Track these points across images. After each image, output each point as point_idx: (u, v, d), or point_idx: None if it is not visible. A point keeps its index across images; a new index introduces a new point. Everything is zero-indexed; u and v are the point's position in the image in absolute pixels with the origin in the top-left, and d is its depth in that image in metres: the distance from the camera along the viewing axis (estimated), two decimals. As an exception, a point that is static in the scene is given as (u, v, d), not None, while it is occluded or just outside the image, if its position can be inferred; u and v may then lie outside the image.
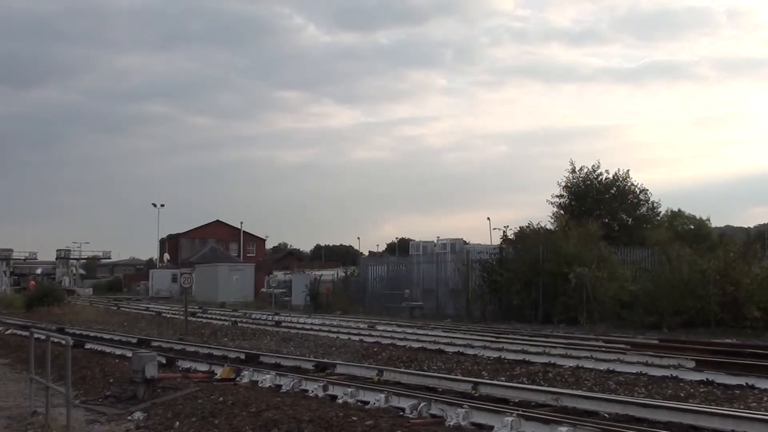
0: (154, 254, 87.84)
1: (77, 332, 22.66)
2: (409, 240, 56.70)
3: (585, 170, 43.87)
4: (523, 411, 8.68)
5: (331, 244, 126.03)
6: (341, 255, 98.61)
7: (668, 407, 8.91)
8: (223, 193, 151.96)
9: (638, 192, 44.17)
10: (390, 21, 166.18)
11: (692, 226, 57.68)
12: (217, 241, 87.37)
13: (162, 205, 77.56)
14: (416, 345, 18.18)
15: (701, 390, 11.26)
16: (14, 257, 77.16)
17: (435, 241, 41.19)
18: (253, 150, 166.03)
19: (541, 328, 24.93)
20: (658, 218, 46.28)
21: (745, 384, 11.36)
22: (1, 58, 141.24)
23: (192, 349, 17.88)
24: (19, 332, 23.53)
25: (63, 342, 8.82)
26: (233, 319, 30.55)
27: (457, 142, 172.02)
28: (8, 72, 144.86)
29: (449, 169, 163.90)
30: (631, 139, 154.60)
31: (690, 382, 11.80)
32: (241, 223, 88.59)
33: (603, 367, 13.47)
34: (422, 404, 9.48)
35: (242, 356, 15.76)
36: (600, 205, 42.93)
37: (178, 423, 9.38)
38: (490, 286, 31.41)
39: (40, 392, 10.26)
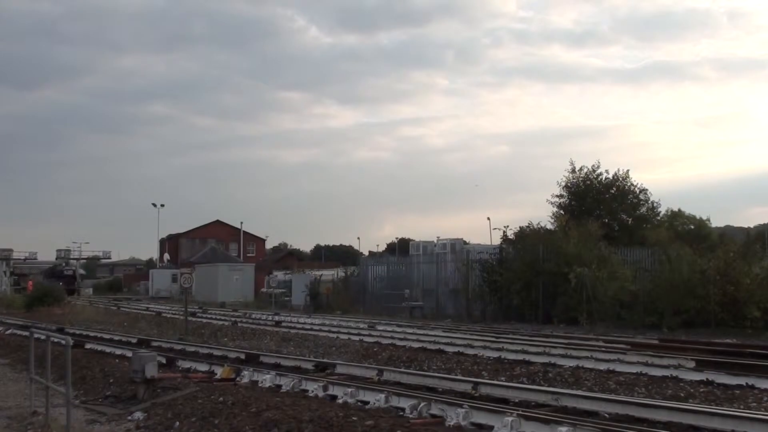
0: (154, 254, 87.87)
1: (77, 332, 22.64)
2: (409, 240, 56.68)
3: (585, 170, 43.95)
4: (523, 411, 8.68)
5: (331, 244, 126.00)
6: (341, 255, 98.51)
7: (668, 407, 8.91)
8: (223, 193, 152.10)
9: (638, 192, 44.23)
10: (392, 22, 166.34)
11: (692, 226, 57.73)
12: (217, 241, 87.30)
13: (162, 205, 77.56)
14: (416, 345, 18.18)
15: (701, 390, 11.26)
16: (14, 257, 77.10)
17: (435, 241, 41.17)
18: (254, 150, 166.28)
19: (541, 328, 24.93)
20: (658, 218, 46.29)
21: (745, 384, 11.37)
22: (3, 59, 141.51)
23: (192, 349, 17.88)
24: (19, 332, 23.51)
25: (63, 342, 8.82)
26: (233, 319, 30.55)
27: (458, 142, 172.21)
28: (10, 73, 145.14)
29: (450, 169, 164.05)
30: (631, 139, 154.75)
31: (690, 382, 11.80)
32: (241, 223, 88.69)
33: (603, 367, 13.47)
34: (422, 404, 9.48)
35: (242, 356, 15.75)
36: (600, 205, 42.95)
37: (178, 423, 9.38)
38: (490, 286, 31.41)
39: (40, 392, 10.26)
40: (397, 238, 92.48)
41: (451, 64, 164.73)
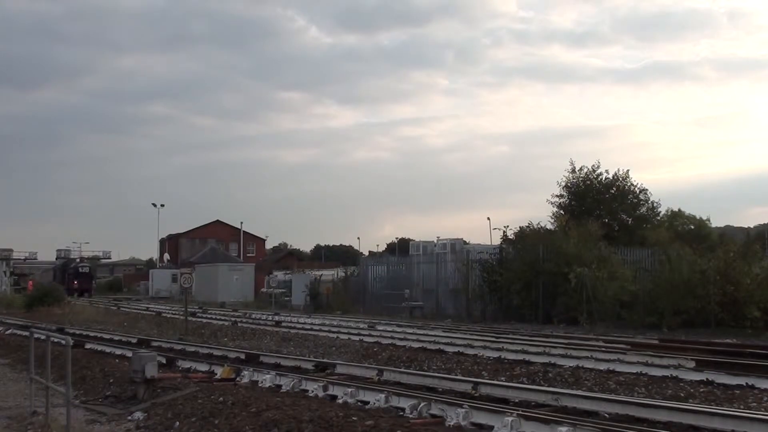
0: (154, 254, 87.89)
1: (77, 332, 22.64)
2: (409, 240, 56.72)
3: (585, 170, 43.93)
4: (523, 411, 8.68)
5: (331, 244, 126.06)
6: (341, 255, 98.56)
7: (668, 407, 8.91)
8: (223, 193, 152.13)
9: (638, 192, 44.22)
10: (392, 22, 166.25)
11: (692, 226, 57.77)
12: (217, 241, 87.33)
13: (162, 205, 77.60)
14: (416, 345, 18.18)
15: (701, 390, 11.26)
16: (14, 257, 77.05)
17: (435, 241, 41.19)
18: (254, 150, 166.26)
19: (541, 328, 24.93)
20: (658, 218, 46.30)
21: (745, 384, 11.36)
22: (3, 59, 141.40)
23: (192, 349, 17.88)
24: (19, 332, 23.51)
25: (63, 342, 8.82)
26: (233, 319, 30.55)
27: (458, 142, 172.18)
28: (10, 73, 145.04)
29: (450, 170, 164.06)
30: (632, 139, 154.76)
31: (690, 382, 11.80)
32: (241, 223, 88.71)
33: (603, 367, 13.47)
34: (422, 404, 9.48)
35: (242, 356, 15.75)
36: (600, 205, 42.94)
37: (178, 423, 9.38)
38: (490, 286, 31.42)
39: (40, 392, 10.26)
40: (397, 238, 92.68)
41: (451, 64, 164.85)
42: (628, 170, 44.13)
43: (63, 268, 73.97)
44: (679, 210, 58.81)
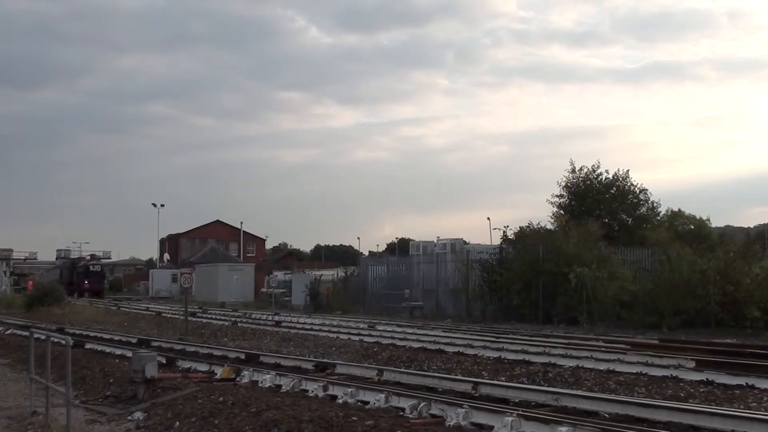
0: (154, 254, 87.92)
1: (77, 332, 22.64)
2: (409, 240, 56.74)
3: (585, 170, 43.95)
4: (523, 411, 8.68)
5: (331, 244, 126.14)
6: (341, 255, 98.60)
7: (668, 407, 8.91)
8: (223, 193, 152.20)
9: (638, 192, 44.25)
10: (392, 22, 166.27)
11: (692, 226, 57.81)
12: (217, 241, 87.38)
13: (162, 205, 77.62)
14: (416, 345, 18.18)
15: (701, 390, 11.26)
16: (14, 257, 76.93)
17: (435, 241, 41.20)
18: (254, 150, 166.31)
19: (541, 328, 24.94)
20: (658, 218, 46.32)
21: (745, 384, 11.36)
22: (3, 59, 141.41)
23: (192, 349, 17.87)
24: (19, 332, 23.51)
25: (63, 342, 8.82)
26: (233, 319, 30.55)
27: (458, 142, 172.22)
28: (10, 73, 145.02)
29: (450, 170, 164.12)
30: (631, 139, 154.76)
31: (690, 382, 11.80)
32: (241, 223, 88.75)
33: (603, 367, 13.47)
34: (422, 404, 9.48)
35: (242, 356, 15.75)
36: (600, 205, 42.96)
37: (178, 423, 9.38)
38: (490, 286, 31.43)
39: (40, 392, 10.26)
40: (397, 238, 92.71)
41: (451, 64, 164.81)
42: (628, 170, 44.26)
43: (72, 267, 70.36)
44: (679, 210, 58.92)
